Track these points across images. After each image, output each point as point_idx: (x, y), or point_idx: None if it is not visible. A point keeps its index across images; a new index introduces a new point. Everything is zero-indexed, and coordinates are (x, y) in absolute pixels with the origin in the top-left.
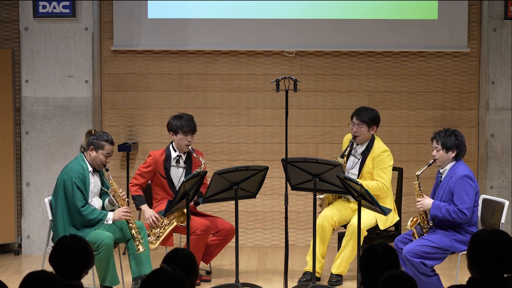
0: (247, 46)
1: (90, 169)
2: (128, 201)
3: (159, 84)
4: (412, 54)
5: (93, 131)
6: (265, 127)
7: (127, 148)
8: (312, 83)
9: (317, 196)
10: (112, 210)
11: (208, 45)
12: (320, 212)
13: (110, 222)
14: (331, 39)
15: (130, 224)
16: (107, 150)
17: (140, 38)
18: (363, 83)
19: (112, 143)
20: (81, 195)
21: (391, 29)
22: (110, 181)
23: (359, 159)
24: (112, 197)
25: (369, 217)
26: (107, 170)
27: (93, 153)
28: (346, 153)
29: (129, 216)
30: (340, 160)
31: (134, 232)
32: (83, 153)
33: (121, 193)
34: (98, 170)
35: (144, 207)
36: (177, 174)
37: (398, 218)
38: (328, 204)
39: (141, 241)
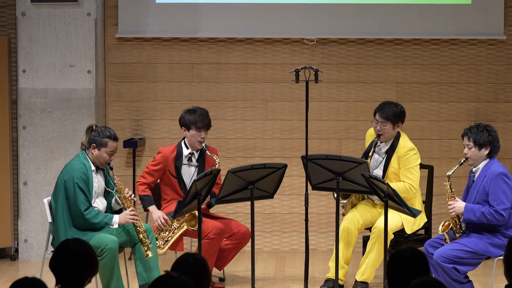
0: (264, 33)
1: (93, 167)
2: (134, 202)
3: (168, 74)
4: (444, 42)
5: (94, 127)
6: (283, 121)
7: (133, 144)
8: (335, 73)
9: (340, 202)
10: (120, 210)
11: (221, 32)
12: (343, 214)
13: (115, 226)
14: (356, 26)
15: (138, 228)
16: (110, 147)
17: (148, 24)
18: (390, 74)
19: (115, 139)
20: (84, 197)
21: (420, 14)
22: (115, 181)
23: (383, 158)
24: (117, 198)
25: (394, 220)
26: (111, 168)
27: (96, 152)
28: (370, 154)
29: (137, 219)
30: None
31: (142, 237)
32: (84, 150)
33: (127, 193)
34: (102, 168)
35: (152, 208)
36: (189, 173)
37: (426, 220)
38: (352, 207)
39: (149, 245)
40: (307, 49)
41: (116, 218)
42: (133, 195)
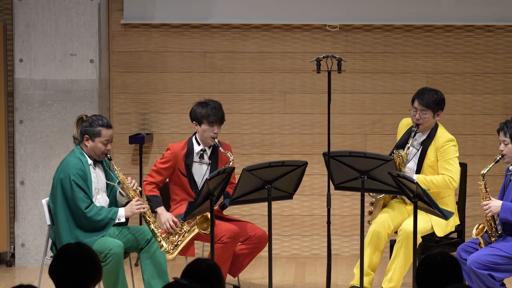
0: (282, 19)
1: (90, 161)
2: (141, 191)
3: (178, 64)
4: (478, 28)
5: (84, 117)
6: (303, 115)
7: (140, 140)
8: (359, 62)
9: (371, 196)
10: (127, 203)
11: (236, 18)
12: (370, 214)
13: (122, 219)
14: (382, 11)
15: (148, 218)
16: (105, 136)
17: (156, 9)
18: (419, 63)
19: (109, 126)
20: (83, 194)
21: None
22: (116, 171)
23: (418, 150)
24: (121, 190)
25: (424, 222)
26: (109, 159)
27: (90, 143)
28: (409, 144)
29: (144, 208)
30: (402, 153)
31: (154, 227)
32: (78, 144)
33: (130, 183)
34: (100, 161)
35: (161, 209)
36: (200, 172)
37: (458, 223)
38: (383, 206)
39: (163, 236)
40: (330, 36)
41: (121, 211)
42: (137, 184)
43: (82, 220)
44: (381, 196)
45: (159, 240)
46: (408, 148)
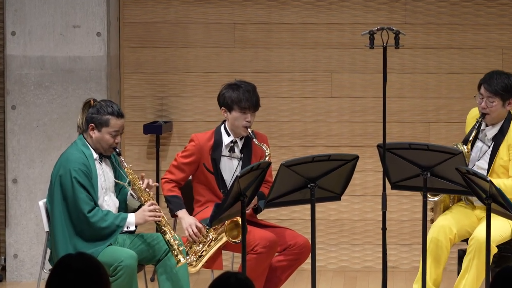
0: None
1: (96, 155)
2: (156, 186)
3: (203, 38)
4: None
5: (92, 102)
6: (353, 99)
7: (156, 130)
8: (421, 36)
9: (428, 199)
10: (139, 208)
11: None
12: (432, 220)
13: (132, 228)
14: None
15: (163, 227)
16: (114, 126)
17: None
18: (494, 37)
19: (120, 115)
20: (85, 195)
21: None
22: (126, 169)
23: (489, 147)
24: (132, 192)
25: (500, 228)
26: (118, 154)
27: (95, 134)
28: (471, 138)
29: (159, 216)
30: (462, 148)
31: (170, 238)
32: (82, 134)
33: (141, 183)
34: (107, 155)
35: (182, 213)
36: (230, 168)
37: None
38: (444, 210)
39: (180, 249)
40: (385, 5)
41: (131, 217)
42: (152, 180)
43: (83, 227)
44: (438, 197)
45: (175, 254)
46: (470, 142)
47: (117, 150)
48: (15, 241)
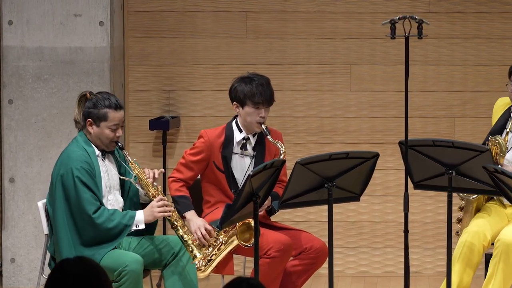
0: None
1: (98, 152)
2: (162, 172)
3: (213, 27)
4: None
5: (88, 95)
6: (373, 93)
7: (163, 125)
8: (446, 25)
9: (465, 198)
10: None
11: None
12: (459, 222)
13: (141, 226)
14: None
15: (175, 222)
16: (112, 119)
17: None
18: None
19: (118, 107)
20: (90, 194)
21: None
22: (130, 163)
23: None
24: (140, 188)
25: None
26: (121, 148)
27: (94, 129)
28: (507, 129)
29: (169, 211)
30: (500, 140)
31: (183, 233)
32: (82, 130)
33: (147, 178)
34: (110, 151)
35: (190, 214)
36: (242, 166)
37: None
38: (476, 211)
39: (195, 243)
40: None
41: (139, 215)
42: (157, 171)
43: (88, 228)
44: (473, 197)
45: (190, 249)
46: (508, 133)
47: (119, 144)
48: (12, 244)
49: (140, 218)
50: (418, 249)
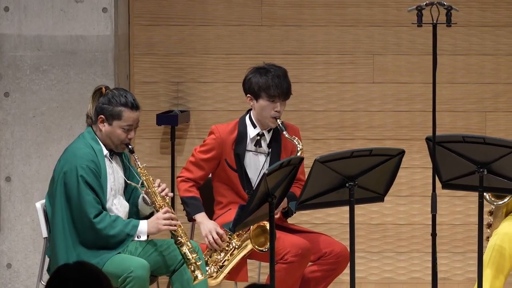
0: None
1: (106, 151)
2: (173, 199)
3: (225, 14)
4: None
5: (103, 89)
6: (399, 85)
7: (171, 120)
8: (477, 12)
9: (493, 203)
10: (151, 215)
11: None
12: (489, 227)
13: (143, 237)
14: None
15: (179, 238)
16: (127, 119)
17: None
18: None
19: (135, 107)
20: (93, 196)
21: None
22: (139, 169)
23: None
24: (144, 195)
25: None
26: (131, 151)
27: (105, 127)
28: None
29: (175, 225)
30: None
31: (187, 251)
32: (91, 126)
33: (157, 187)
34: (119, 152)
35: (200, 217)
36: (256, 164)
37: None
38: (507, 214)
39: (198, 263)
40: None
41: (143, 225)
42: (168, 190)
43: (88, 233)
44: (503, 201)
45: (192, 269)
46: None
47: (129, 146)
48: (8, 248)
49: (143, 228)
50: (446, 254)
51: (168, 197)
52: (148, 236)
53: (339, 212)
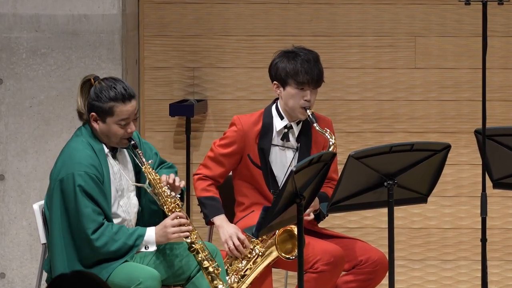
0: None
1: (107, 150)
2: (182, 200)
3: None
4: None
5: (92, 80)
6: (443, 71)
7: (187, 111)
8: None
9: None
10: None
11: None
12: None
13: (152, 248)
14: None
15: (193, 245)
16: (120, 114)
17: None
18: None
19: (126, 98)
20: (92, 208)
21: None
22: (144, 167)
23: None
24: (154, 195)
25: None
26: (134, 146)
27: (99, 125)
28: None
29: (187, 231)
30: None
31: (203, 257)
32: (87, 123)
33: (163, 188)
34: (123, 147)
35: (220, 220)
36: (283, 161)
37: None
38: None
39: (217, 272)
40: None
41: (150, 233)
42: (178, 179)
43: (85, 249)
44: None
45: (211, 278)
46: None
47: (132, 141)
48: (1, 256)
49: (151, 238)
50: (498, 262)
51: (179, 196)
52: (157, 244)
53: (376, 214)
